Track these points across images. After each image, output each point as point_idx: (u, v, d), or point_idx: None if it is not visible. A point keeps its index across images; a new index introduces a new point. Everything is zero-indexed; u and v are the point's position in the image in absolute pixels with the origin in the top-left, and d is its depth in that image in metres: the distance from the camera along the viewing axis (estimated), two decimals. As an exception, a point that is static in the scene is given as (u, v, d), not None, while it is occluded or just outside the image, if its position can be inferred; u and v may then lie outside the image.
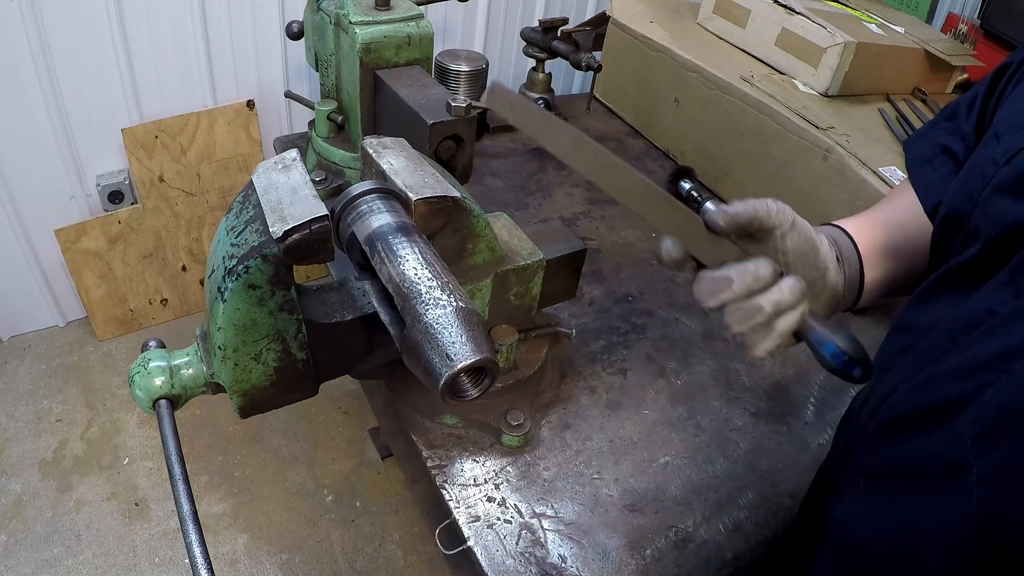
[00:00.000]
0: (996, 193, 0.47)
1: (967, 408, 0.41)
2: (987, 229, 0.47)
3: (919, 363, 0.48)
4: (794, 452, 0.93)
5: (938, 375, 0.45)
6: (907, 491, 0.46)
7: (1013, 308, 0.42)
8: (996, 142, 0.50)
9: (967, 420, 0.40)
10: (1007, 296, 0.43)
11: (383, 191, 0.62)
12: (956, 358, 0.44)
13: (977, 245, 0.48)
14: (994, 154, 0.49)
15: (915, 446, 0.45)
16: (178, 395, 0.64)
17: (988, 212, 0.47)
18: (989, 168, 0.48)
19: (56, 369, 1.89)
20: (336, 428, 1.87)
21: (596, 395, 0.95)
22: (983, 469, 0.39)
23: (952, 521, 0.41)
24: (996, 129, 0.51)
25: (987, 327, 0.43)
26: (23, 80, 1.53)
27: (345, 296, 0.68)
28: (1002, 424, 0.39)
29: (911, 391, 0.47)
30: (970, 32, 1.81)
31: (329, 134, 1.22)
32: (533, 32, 1.58)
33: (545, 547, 0.76)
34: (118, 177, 1.79)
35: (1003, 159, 0.47)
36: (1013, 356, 0.39)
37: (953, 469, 0.41)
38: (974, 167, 0.51)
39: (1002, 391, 0.39)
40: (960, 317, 0.46)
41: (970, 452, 0.40)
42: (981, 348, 0.42)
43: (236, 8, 1.70)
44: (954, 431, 0.41)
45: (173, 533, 1.56)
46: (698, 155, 1.48)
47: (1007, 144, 0.48)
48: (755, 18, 1.49)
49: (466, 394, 0.53)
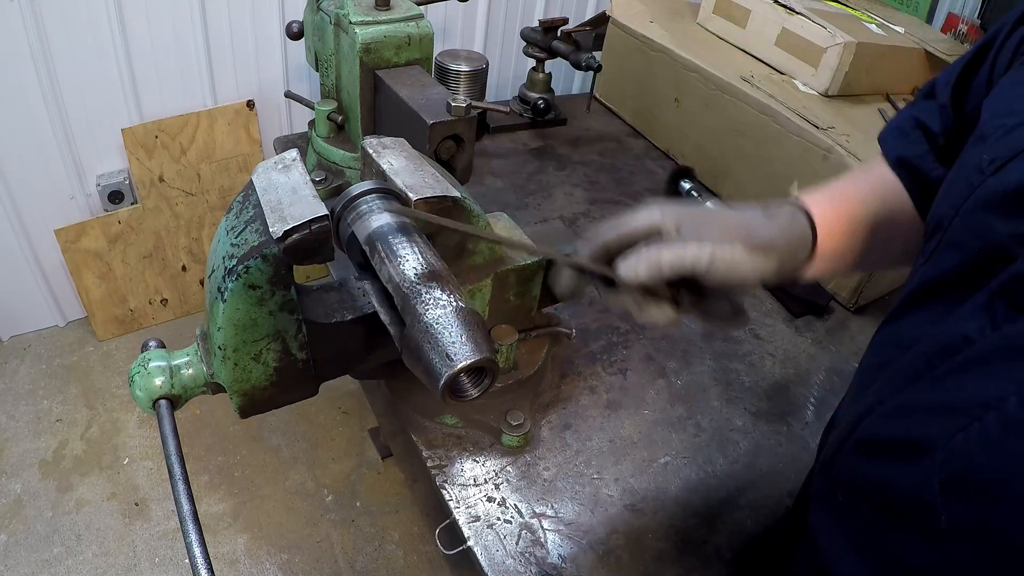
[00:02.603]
0: (980, 205, 0.44)
1: (936, 450, 0.39)
2: (969, 242, 0.45)
3: (895, 385, 0.46)
4: (794, 452, 0.93)
5: (911, 406, 0.44)
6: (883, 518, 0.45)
7: (990, 342, 0.40)
8: (983, 143, 0.47)
9: (936, 462, 0.39)
10: (984, 323, 0.41)
11: (383, 191, 0.62)
12: (931, 389, 0.43)
13: (956, 259, 0.46)
14: (980, 160, 0.46)
15: (889, 474, 0.44)
16: (178, 395, 0.64)
17: (970, 225, 0.45)
18: (975, 176, 0.46)
19: (56, 369, 1.89)
20: (336, 428, 1.87)
21: (596, 395, 0.95)
22: (951, 519, 0.38)
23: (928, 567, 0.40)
24: (983, 128, 0.49)
25: (964, 357, 0.41)
26: (23, 80, 1.53)
27: (345, 296, 0.68)
28: (970, 478, 0.37)
29: (886, 416, 0.46)
30: (970, 32, 1.81)
31: (329, 134, 1.22)
32: (533, 32, 1.58)
33: (545, 547, 0.76)
34: (118, 177, 1.79)
35: (990, 168, 0.45)
36: (986, 405, 0.37)
37: (923, 508, 0.40)
38: (960, 171, 0.49)
39: (972, 441, 0.37)
40: (937, 339, 0.44)
41: (937, 496, 0.38)
42: (956, 385, 0.41)
43: (236, 8, 1.70)
44: (924, 469, 0.40)
45: (173, 533, 1.56)
46: (698, 155, 1.48)
47: (994, 150, 0.45)
48: (755, 18, 1.49)
49: (466, 394, 0.53)
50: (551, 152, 1.54)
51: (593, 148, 1.58)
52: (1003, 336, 0.39)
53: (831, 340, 1.11)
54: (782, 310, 1.19)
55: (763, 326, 1.14)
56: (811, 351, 1.09)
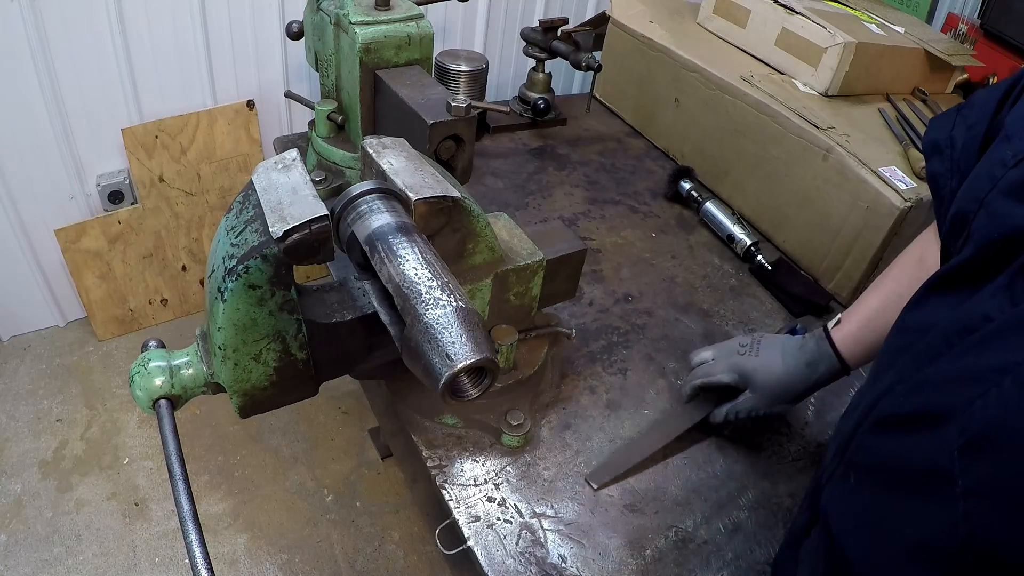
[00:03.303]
0: (1002, 195, 0.47)
1: (956, 417, 0.40)
2: (990, 231, 0.46)
3: (915, 364, 0.48)
4: (794, 452, 0.93)
5: (931, 379, 0.45)
6: (894, 494, 0.46)
7: (1009, 316, 0.41)
8: (1007, 143, 0.49)
9: (955, 429, 0.40)
10: (1003, 302, 0.42)
11: (383, 191, 0.62)
12: (950, 364, 0.44)
13: (978, 246, 0.47)
14: (1004, 155, 0.48)
15: (904, 448, 0.45)
16: (178, 395, 0.64)
17: (992, 213, 0.47)
18: (998, 170, 0.48)
19: (56, 369, 1.89)
20: (336, 428, 1.87)
21: (596, 395, 0.95)
22: (968, 482, 0.39)
23: (936, 533, 0.41)
24: (1007, 130, 0.51)
25: (982, 334, 0.42)
26: (23, 80, 1.53)
27: (345, 296, 0.68)
28: (988, 439, 0.38)
29: (905, 392, 0.47)
30: (970, 32, 1.81)
31: (329, 134, 1.22)
32: (533, 32, 1.58)
33: (545, 547, 0.76)
34: (118, 177, 1.79)
35: (1012, 161, 0.47)
36: (1004, 370, 0.38)
37: (938, 477, 0.41)
38: (983, 168, 0.51)
39: (991, 405, 0.38)
40: (957, 320, 0.45)
41: (956, 463, 0.39)
42: (975, 357, 0.42)
43: (236, 8, 1.70)
44: (942, 439, 0.41)
45: (173, 533, 1.55)
46: (698, 155, 1.48)
47: (1017, 145, 0.48)
48: (755, 18, 1.49)
49: (466, 394, 0.53)
50: (551, 152, 1.54)
51: (593, 148, 1.58)
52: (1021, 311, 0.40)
53: (831, 340, 1.11)
54: (782, 310, 1.19)
55: (763, 326, 1.14)
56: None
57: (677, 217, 1.39)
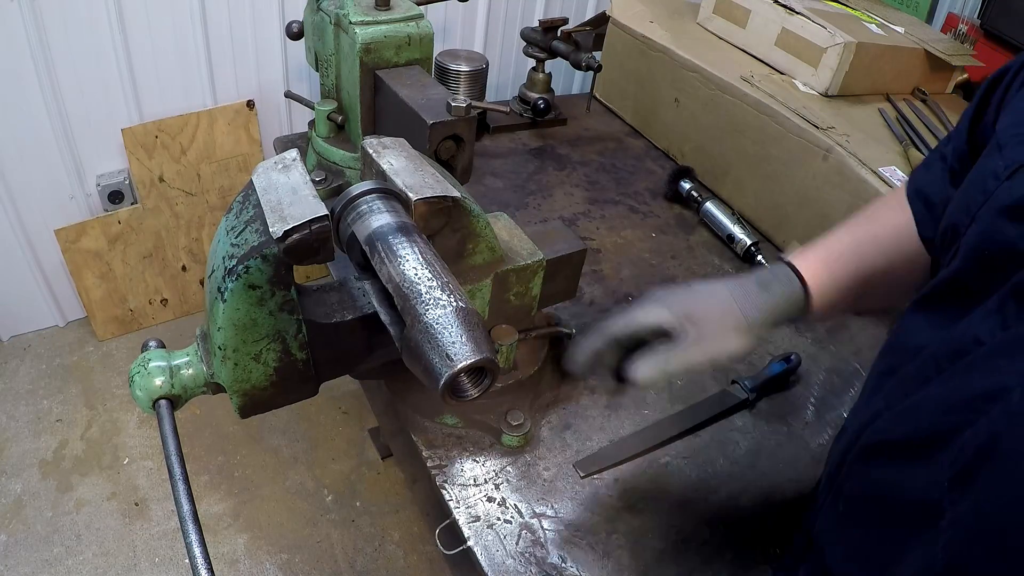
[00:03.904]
0: (994, 211, 0.45)
1: (946, 448, 0.39)
2: (982, 247, 0.45)
3: (904, 388, 0.47)
4: (794, 452, 0.93)
5: (921, 405, 0.44)
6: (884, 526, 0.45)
7: (999, 340, 0.40)
8: (999, 153, 0.48)
9: (945, 461, 0.39)
10: (994, 325, 0.41)
11: (383, 191, 0.62)
12: (940, 388, 0.43)
13: (966, 260, 0.46)
14: (996, 167, 0.47)
15: (895, 479, 0.44)
16: (178, 395, 0.64)
17: (984, 230, 0.46)
18: (991, 182, 0.47)
19: (56, 369, 1.89)
20: (336, 428, 1.87)
21: (596, 395, 0.95)
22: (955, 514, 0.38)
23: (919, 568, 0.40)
24: (999, 139, 0.50)
25: (972, 358, 0.41)
26: (23, 80, 1.53)
27: (345, 296, 0.68)
28: (976, 469, 0.37)
29: (894, 418, 0.46)
30: (970, 32, 1.81)
31: (329, 134, 1.22)
32: (533, 32, 1.58)
33: (545, 547, 0.76)
34: (118, 177, 1.79)
35: (1004, 173, 0.46)
36: (993, 397, 0.37)
37: (929, 510, 0.39)
38: (976, 178, 0.50)
39: (980, 434, 0.37)
40: (946, 343, 0.44)
41: (946, 495, 0.38)
42: (964, 383, 0.41)
43: (236, 8, 1.70)
44: (933, 470, 0.40)
45: (173, 533, 1.56)
46: (698, 155, 1.48)
47: (1009, 157, 0.46)
48: (755, 18, 1.49)
49: (466, 394, 0.53)
50: (551, 152, 1.54)
51: (593, 148, 1.58)
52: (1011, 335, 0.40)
53: (831, 340, 1.11)
54: (782, 310, 1.19)
55: (763, 326, 1.14)
56: (811, 351, 1.09)
57: (677, 217, 1.39)
